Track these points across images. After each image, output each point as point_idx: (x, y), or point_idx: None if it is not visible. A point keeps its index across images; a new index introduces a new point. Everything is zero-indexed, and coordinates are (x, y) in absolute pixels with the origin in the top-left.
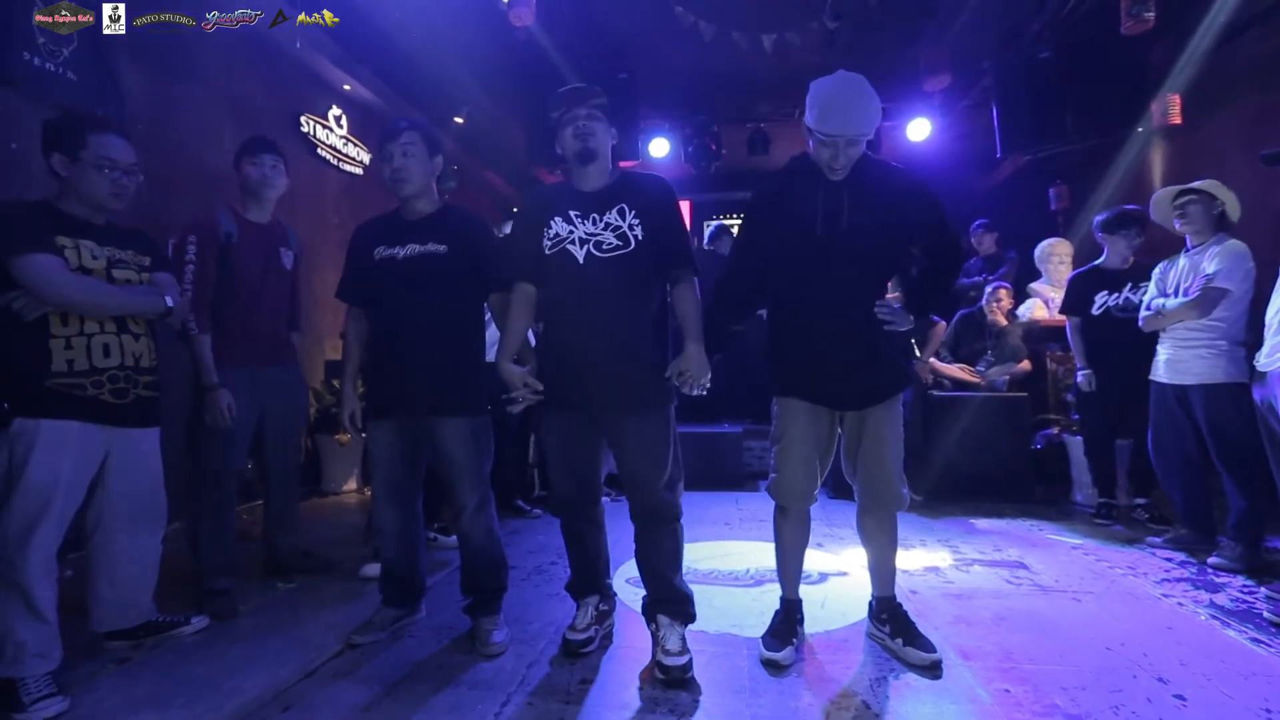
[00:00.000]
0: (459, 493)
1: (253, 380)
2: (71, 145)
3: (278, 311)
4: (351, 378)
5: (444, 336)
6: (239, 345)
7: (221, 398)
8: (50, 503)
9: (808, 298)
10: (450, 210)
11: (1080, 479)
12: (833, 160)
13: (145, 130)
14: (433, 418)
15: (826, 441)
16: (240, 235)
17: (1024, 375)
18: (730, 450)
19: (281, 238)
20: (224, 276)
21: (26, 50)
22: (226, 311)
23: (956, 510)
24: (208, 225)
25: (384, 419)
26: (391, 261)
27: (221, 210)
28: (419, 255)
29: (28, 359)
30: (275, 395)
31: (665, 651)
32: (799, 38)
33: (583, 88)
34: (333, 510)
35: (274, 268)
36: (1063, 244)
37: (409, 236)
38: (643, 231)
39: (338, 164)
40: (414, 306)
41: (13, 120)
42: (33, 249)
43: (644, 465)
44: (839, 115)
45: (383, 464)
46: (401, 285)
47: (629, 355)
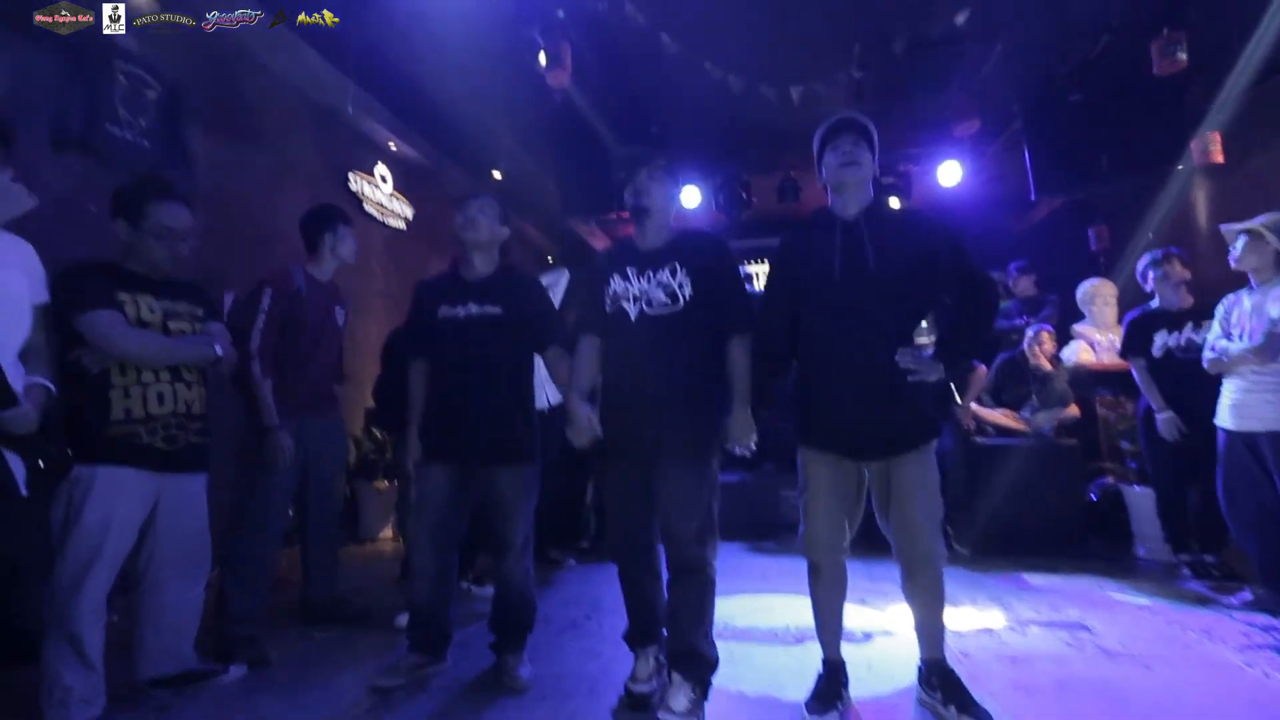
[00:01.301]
0: (508, 534)
1: (300, 430)
2: (134, 213)
3: (328, 365)
4: (416, 426)
5: (501, 390)
6: (291, 394)
7: (282, 438)
8: (103, 546)
9: (828, 342)
10: (508, 272)
11: (1142, 532)
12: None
13: (209, 190)
14: (489, 465)
15: (854, 493)
16: (307, 290)
17: (1072, 421)
18: (766, 498)
19: (336, 296)
20: (287, 328)
21: (109, 121)
22: (284, 361)
23: (1007, 565)
24: (284, 278)
25: (437, 463)
26: (453, 321)
27: (295, 267)
28: (478, 316)
29: (90, 408)
30: (320, 445)
31: (667, 709)
32: (826, 89)
33: (645, 152)
34: (368, 558)
35: (330, 323)
36: (1106, 285)
37: (469, 296)
38: (692, 290)
39: (382, 219)
40: (473, 363)
41: (92, 184)
42: (96, 306)
43: (677, 513)
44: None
45: (430, 506)
46: (462, 343)
47: (672, 407)
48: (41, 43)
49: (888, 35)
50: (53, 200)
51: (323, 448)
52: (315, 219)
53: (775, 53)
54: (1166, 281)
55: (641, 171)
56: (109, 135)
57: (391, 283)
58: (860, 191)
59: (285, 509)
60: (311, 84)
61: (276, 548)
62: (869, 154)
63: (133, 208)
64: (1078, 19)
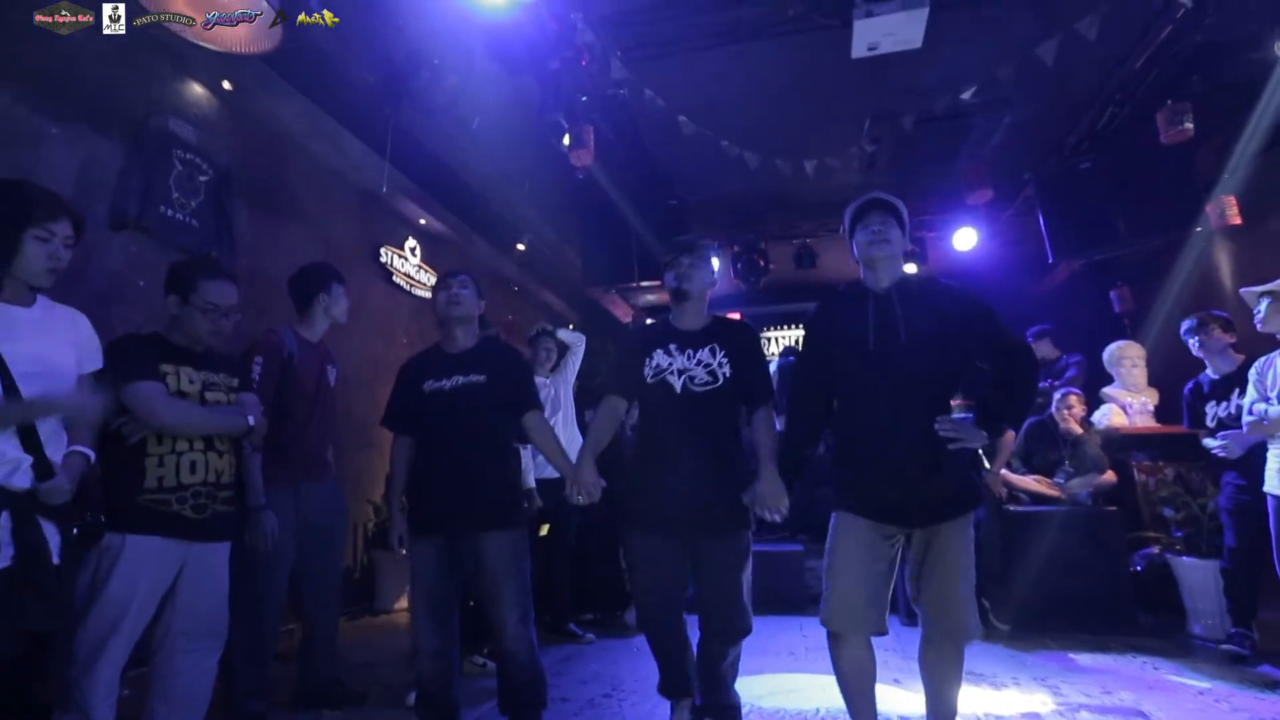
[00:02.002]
0: (501, 608)
1: (296, 499)
2: (184, 289)
3: (324, 428)
4: (399, 500)
5: (485, 457)
6: (287, 463)
7: (266, 520)
8: (124, 617)
9: (867, 411)
10: (488, 343)
11: (1196, 608)
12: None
13: (248, 265)
14: (477, 533)
15: (885, 566)
16: (299, 354)
17: (1109, 487)
18: (792, 570)
19: (327, 355)
20: (281, 394)
21: (162, 203)
22: (280, 429)
23: (1050, 642)
24: (274, 346)
25: (427, 536)
26: (439, 393)
27: (285, 331)
28: (463, 385)
29: (125, 476)
30: (317, 512)
31: None
32: (840, 162)
33: (690, 239)
34: (382, 630)
35: (323, 384)
36: (1133, 346)
37: (454, 369)
38: (730, 370)
39: (410, 289)
40: (459, 431)
41: (144, 262)
42: (140, 377)
43: (722, 585)
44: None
45: (424, 581)
46: (448, 414)
47: (713, 481)
48: (108, 132)
49: (896, 111)
50: (107, 276)
51: (321, 514)
52: (307, 279)
53: (789, 129)
54: (1207, 347)
55: (685, 258)
56: (162, 216)
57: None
58: (890, 266)
59: (283, 581)
60: (350, 166)
61: (276, 621)
62: (898, 231)
63: (185, 284)
64: (1080, 92)
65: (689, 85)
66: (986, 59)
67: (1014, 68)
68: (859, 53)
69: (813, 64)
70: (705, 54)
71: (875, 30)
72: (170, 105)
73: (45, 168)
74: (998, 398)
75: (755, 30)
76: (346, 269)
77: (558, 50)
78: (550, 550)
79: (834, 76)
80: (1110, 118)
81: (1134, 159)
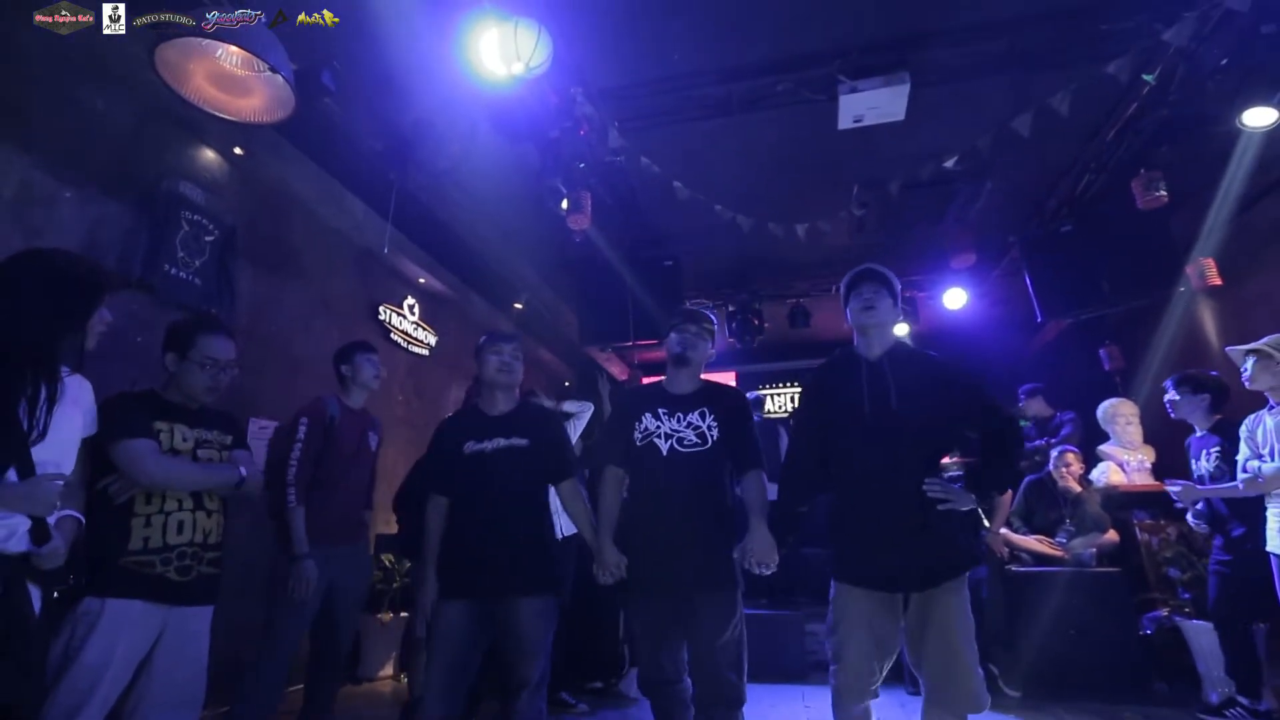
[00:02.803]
0: (525, 670)
1: (326, 558)
2: (183, 345)
3: (359, 491)
4: (433, 563)
5: (524, 521)
6: (320, 522)
7: (308, 569)
8: (97, 686)
9: (861, 477)
10: (527, 406)
11: (1210, 674)
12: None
13: (248, 322)
14: (511, 597)
15: (891, 636)
16: (341, 419)
17: (1112, 547)
18: (792, 635)
19: (370, 422)
20: (322, 456)
21: (167, 262)
22: (313, 488)
23: (1062, 712)
24: (319, 410)
25: (457, 600)
26: (481, 455)
27: (330, 398)
28: (505, 449)
29: (109, 537)
30: (344, 574)
31: None
32: (830, 225)
33: (700, 312)
34: (366, 699)
35: (362, 449)
36: (1126, 404)
37: (495, 431)
38: (719, 433)
39: (407, 346)
40: (497, 495)
41: (143, 319)
42: (131, 435)
43: (713, 645)
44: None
45: (447, 645)
46: (487, 476)
47: (701, 539)
48: (120, 195)
49: (883, 178)
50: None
51: (346, 577)
52: (337, 355)
53: (780, 194)
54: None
55: (692, 327)
56: (166, 275)
57: (412, 407)
58: (880, 333)
59: (299, 639)
60: (352, 226)
61: (285, 678)
62: (889, 300)
63: (183, 340)
64: (1057, 160)
65: (683, 153)
66: (967, 130)
67: (992, 138)
68: (845, 125)
69: (802, 134)
70: (699, 124)
71: (860, 104)
72: (182, 170)
73: (55, 228)
74: (984, 464)
75: (746, 103)
76: (345, 327)
77: (558, 120)
78: None
79: (822, 145)
80: (1087, 184)
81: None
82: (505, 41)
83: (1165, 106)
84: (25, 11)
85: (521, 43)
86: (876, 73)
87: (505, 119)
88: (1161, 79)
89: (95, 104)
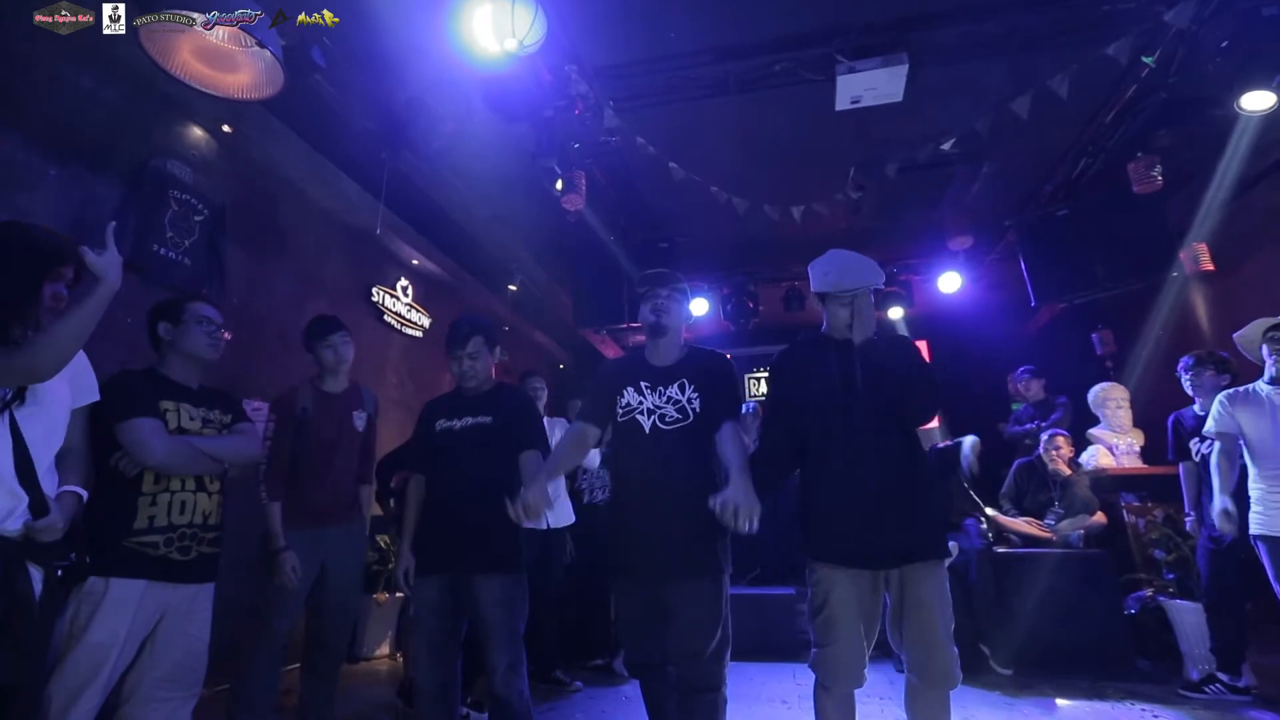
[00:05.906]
0: (491, 653)
1: (315, 540)
2: (174, 313)
3: (346, 473)
4: (410, 537)
5: (486, 498)
6: (304, 508)
7: (287, 559)
8: (102, 665)
9: (834, 456)
10: (503, 388)
11: (1192, 652)
12: (850, 319)
13: (239, 304)
14: (474, 574)
15: (874, 610)
16: (315, 409)
17: (1100, 529)
18: (783, 615)
19: (356, 401)
20: (296, 447)
21: (156, 243)
22: (297, 478)
23: (1047, 688)
24: (287, 403)
25: (430, 576)
26: (449, 432)
27: (302, 387)
28: (472, 426)
29: (114, 516)
30: (336, 554)
31: None
32: (826, 208)
33: (667, 273)
34: (363, 678)
35: (345, 433)
36: (1117, 388)
37: (465, 411)
38: (700, 405)
39: (400, 328)
40: (462, 472)
41: (132, 299)
42: (138, 413)
43: (694, 630)
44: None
45: (426, 621)
46: (454, 452)
47: (686, 521)
48: (108, 174)
49: (880, 160)
50: None
51: (338, 556)
52: (307, 335)
53: (776, 176)
54: (1198, 386)
55: (662, 290)
56: (154, 255)
57: (406, 389)
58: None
59: (292, 621)
60: (344, 207)
61: (280, 661)
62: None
63: (173, 309)
64: (1055, 144)
65: (679, 134)
66: (965, 112)
67: (990, 121)
68: (843, 106)
69: (798, 115)
70: (695, 104)
71: (857, 85)
72: (170, 148)
73: (43, 208)
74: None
75: (744, 83)
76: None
77: (552, 100)
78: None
79: (819, 127)
80: (1084, 168)
81: (1109, 207)
82: (499, 17)
83: (1164, 89)
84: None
85: (516, 18)
86: (875, 53)
87: (499, 98)
88: (1161, 61)
89: (82, 81)
